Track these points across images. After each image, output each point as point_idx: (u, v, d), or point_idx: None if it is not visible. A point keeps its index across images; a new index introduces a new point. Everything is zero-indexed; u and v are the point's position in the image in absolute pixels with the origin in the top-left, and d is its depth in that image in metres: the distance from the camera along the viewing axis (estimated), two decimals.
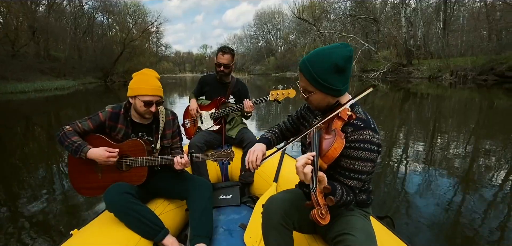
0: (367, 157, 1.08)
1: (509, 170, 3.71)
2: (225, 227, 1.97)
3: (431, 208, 2.72)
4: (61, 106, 12.94)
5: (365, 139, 1.08)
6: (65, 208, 2.88)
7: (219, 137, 2.61)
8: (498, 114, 8.41)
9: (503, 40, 20.52)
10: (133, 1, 39.66)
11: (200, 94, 2.73)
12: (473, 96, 12.58)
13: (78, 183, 1.78)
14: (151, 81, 1.69)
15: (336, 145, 1.03)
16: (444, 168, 3.81)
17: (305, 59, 1.13)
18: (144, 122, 1.80)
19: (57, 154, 4.77)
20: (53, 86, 22.05)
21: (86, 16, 34.68)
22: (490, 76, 17.81)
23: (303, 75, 1.14)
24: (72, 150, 1.64)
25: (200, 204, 1.77)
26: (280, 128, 1.53)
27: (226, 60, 2.52)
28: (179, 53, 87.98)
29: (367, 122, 1.11)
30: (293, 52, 47.21)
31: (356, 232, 1.06)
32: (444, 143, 5.12)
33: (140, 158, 1.72)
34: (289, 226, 1.22)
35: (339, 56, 1.07)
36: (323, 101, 1.17)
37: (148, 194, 1.84)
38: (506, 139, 5.31)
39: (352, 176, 1.10)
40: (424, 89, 15.69)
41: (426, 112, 8.96)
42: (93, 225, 1.62)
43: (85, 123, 1.72)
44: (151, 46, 44.00)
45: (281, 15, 58.16)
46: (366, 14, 29.87)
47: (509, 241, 2.25)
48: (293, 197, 1.30)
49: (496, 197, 2.97)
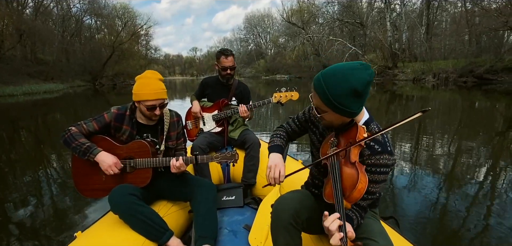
0: (382, 179, 1.10)
1: (493, 167, 3.89)
2: (229, 228, 1.96)
3: (418, 206, 2.79)
4: (49, 110, 12.80)
5: (381, 163, 1.07)
6: (68, 211, 2.85)
7: (222, 139, 2.62)
8: (481, 114, 8.87)
9: (482, 44, 21.57)
10: (122, 4, 39.42)
11: (202, 96, 2.74)
12: (454, 97, 13.21)
13: (81, 184, 1.77)
14: (153, 84, 1.69)
15: (362, 185, 0.99)
16: (429, 167, 3.92)
17: (321, 77, 1.05)
18: (149, 123, 1.80)
19: (56, 157, 4.81)
20: (42, 89, 21.82)
21: (74, 19, 34.28)
22: (469, 78, 18.70)
23: (316, 94, 1.07)
24: (81, 152, 1.63)
25: (204, 205, 1.76)
26: (286, 131, 1.49)
27: (230, 62, 2.55)
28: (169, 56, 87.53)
29: (384, 145, 1.08)
30: (282, 55, 47.77)
31: (376, 236, 1.06)
32: (430, 142, 5.29)
33: (144, 159, 1.71)
34: (299, 225, 1.20)
35: (358, 80, 0.99)
36: (337, 121, 1.12)
37: (151, 195, 1.82)
38: (488, 138, 5.59)
39: (365, 197, 1.09)
40: (409, 91, 16.31)
41: (412, 113, 9.39)
42: (97, 227, 1.60)
43: (90, 124, 1.72)
44: (140, 48, 43.71)
45: (270, 19, 58.79)
46: (353, 18, 30.71)
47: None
48: (302, 197, 1.29)
49: (478, 194, 3.07)
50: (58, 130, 7.34)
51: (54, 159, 4.78)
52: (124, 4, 39.50)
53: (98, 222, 1.65)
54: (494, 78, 17.76)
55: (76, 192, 1.80)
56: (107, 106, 13.42)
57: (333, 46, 28.92)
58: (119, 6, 38.98)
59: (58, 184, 3.62)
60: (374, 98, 13.76)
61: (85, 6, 34.23)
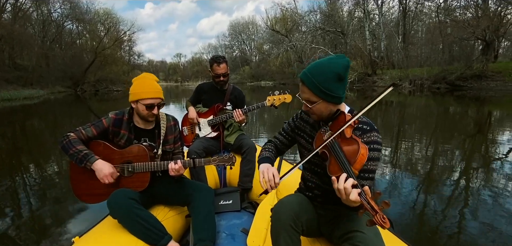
0: (376, 156, 1.18)
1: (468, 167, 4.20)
2: (227, 232, 1.97)
3: (398, 207, 2.88)
4: (27, 116, 12.45)
5: (373, 140, 1.18)
6: (65, 216, 2.82)
7: (217, 144, 2.64)
8: (454, 119, 9.52)
9: (454, 52, 22.98)
10: (105, 10, 38.87)
11: (197, 101, 2.76)
12: (429, 102, 14.03)
13: (79, 190, 1.77)
14: (152, 84, 1.73)
15: (363, 151, 1.07)
16: (409, 170, 4.07)
17: (307, 71, 1.18)
18: (147, 127, 1.82)
19: (54, 161, 4.83)
20: (21, 95, 21.25)
21: (54, 24, 33.51)
22: (442, 85, 19.92)
23: (306, 87, 1.18)
24: (78, 159, 1.65)
25: (203, 209, 1.77)
26: (274, 145, 1.53)
27: (223, 70, 2.58)
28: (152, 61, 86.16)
29: (371, 124, 1.21)
30: (267, 62, 48.24)
31: (365, 229, 1.10)
32: (409, 146, 5.58)
33: (142, 163, 1.72)
34: (298, 228, 1.23)
35: (339, 65, 1.13)
36: (326, 110, 1.21)
37: (149, 200, 1.82)
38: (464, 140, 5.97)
39: (366, 176, 1.16)
40: (388, 97, 17.10)
41: (392, 118, 9.97)
42: (95, 233, 1.60)
43: (88, 130, 1.74)
44: (123, 54, 43.08)
45: (255, 26, 59.15)
46: (334, 27, 31.75)
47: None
48: (300, 201, 1.33)
49: (453, 194, 3.23)
50: (37, 137, 7.35)
51: (48, 164, 4.78)
52: (107, 10, 38.97)
53: (96, 227, 1.65)
54: (464, 85, 19.01)
55: (73, 197, 1.82)
56: (89, 113, 13.53)
57: (316, 53, 29.78)
58: (102, 12, 38.43)
59: (56, 190, 3.58)
60: (354, 104, 14.35)
61: (67, 11, 33.55)
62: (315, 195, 1.38)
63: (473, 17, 20.73)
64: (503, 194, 3.16)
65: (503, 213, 2.74)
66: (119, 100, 20.74)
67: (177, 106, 14.57)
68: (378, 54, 28.04)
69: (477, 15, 20.16)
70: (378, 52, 28.30)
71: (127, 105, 1.86)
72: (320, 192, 1.36)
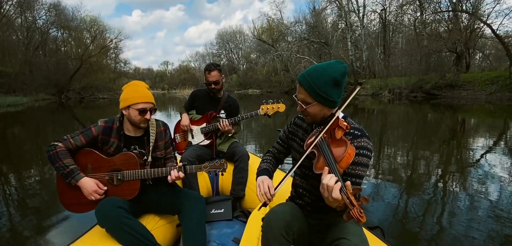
0: (365, 162, 1.19)
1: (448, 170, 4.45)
2: (218, 241, 1.94)
3: (381, 211, 2.91)
4: (9, 124, 12.19)
5: (363, 145, 1.20)
6: (51, 226, 2.72)
7: (210, 152, 2.62)
8: (431, 125, 10.10)
9: (431, 63, 24.29)
10: (92, 17, 38.65)
11: (191, 108, 2.74)
12: (408, 110, 14.78)
13: (67, 199, 1.72)
14: (143, 89, 1.72)
15: (350, 151, 1.10)
16: (391, 176, 4.16)
17: (305, 73, 1.21)
18: (137, 134, 1.79)
19: (36, 170, 4.70)
20: (4, 102, 20.88)
21: (39, 31, 33.09)
22: (419, 93, 21.05)
23: (303, 88, 1.21)
24: (63, 174, 1.62)
25: (193, 217, 1.74)
26: (272, 154, 1.55)
27: (214, 77, 2.55)
28: (139, 69, 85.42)
29: (362, 131, 1.24)
30: (254, 71, 48.88)
31: (351, 236, 1.12)
32: (391, 152, 5.78)
33: (131, 171, 1.69)
34: (290, 237, 1.24)
35: (336, 70, 1.15)
36: (320, 113, 1.23)
37: (139, 209, 1.79)
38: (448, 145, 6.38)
39: (354, 181, 1.16)
40: (369, 105, 17.93)
41: (375, 125, 10.43)
42: (82, 243, 1.55)
43: (77, 139, 1.70)
44: (109, 62, 42.77)
45: (242, 35, 59.60)
46: (319, 37, 32.75)
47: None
48: (291, 209, 1.34)
49: (432, 199, 3.30)
50: (18, 145, 7.35)
51: (30, 173, 4.57)
52: (94, 17, 38.74)
53: (83, 237, 1.61)
54: (439, 94, 20.19)
55: (58, 206, 1.85)
56: (73, 120, 13.34)
57: (301, 63, 30.65)
58: (89, 20, 38.16)
59: (41, 200, 3.47)
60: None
61: (52, 18, 33.17)
62: (306, 202, 1.41)
63: (445, 30, 22.08)
64: (477, 196, 3.33)
65: (479, 214, 2.84)
66: (105, 107, 20.66)
67: (163, 113, 14.70)
68: (360, 64, 29.17)
69: (449, 29, 21.47)
70: (360, 63, 29.45)
71: (112, 112, 1.96)
72: (310, 200, 1.39)
